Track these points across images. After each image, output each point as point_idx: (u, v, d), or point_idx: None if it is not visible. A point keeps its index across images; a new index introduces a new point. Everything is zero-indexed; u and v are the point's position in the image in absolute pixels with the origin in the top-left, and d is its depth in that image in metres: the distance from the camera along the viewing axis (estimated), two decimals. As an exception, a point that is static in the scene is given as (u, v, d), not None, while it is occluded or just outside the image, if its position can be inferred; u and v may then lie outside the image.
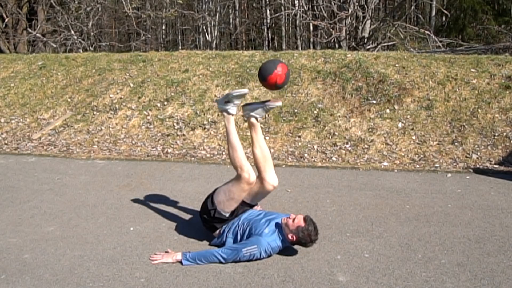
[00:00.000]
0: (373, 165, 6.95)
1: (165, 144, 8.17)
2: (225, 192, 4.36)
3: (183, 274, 3.95)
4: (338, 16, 15.83)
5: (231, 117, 4.47)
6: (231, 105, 4.42)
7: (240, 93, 4.41)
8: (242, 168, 4.24)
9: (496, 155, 6.96)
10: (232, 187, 4.33)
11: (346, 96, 8.56)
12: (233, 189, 4.31)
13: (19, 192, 6.17)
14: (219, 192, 4.44)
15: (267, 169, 4.44)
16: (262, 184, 4.43)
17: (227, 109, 4.44)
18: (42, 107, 9.80)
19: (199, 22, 26.00)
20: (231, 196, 4.32)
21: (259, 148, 4.52)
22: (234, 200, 4.34)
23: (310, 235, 4.05)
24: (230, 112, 4.44)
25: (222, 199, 4.35)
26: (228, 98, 4.41)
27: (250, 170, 4.24)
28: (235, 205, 4.36)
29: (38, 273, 4.04)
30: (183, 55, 10.87)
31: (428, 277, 3.81)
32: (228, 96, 4.40)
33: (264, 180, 4.41)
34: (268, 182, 4.42)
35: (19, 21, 19.18)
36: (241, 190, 4.28)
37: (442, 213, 5.12)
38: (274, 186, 4.48)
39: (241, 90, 4.42)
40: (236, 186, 4.29)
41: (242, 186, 4.26)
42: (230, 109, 4.43)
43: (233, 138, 4.38)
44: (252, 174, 4.23)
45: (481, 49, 13.77)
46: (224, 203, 4.34)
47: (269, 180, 4.42)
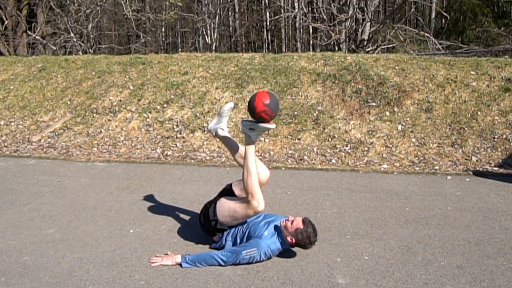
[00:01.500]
0: (373, 167, 6.95)
1: (164, 146, 8.17)
2: (230, 210, 4.29)
3: (182, 276, 3.95)
4: (338, 18, 15.86)
5: (252, 145, 4.34)
6: (255, 133, 4.33)
7: (268, 128, 4.32)
8: (253, 196, 4.14)
9: (495, 158, 6.97)
10: (238, 209, 4.26)
11: (346, 99, 8.56)
12: (238, 211, 4.25)
13: (19, 194, 6.16)
14: (224, 206, 4.37)
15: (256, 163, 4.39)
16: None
17: (250, 135, 4.30)
18: (41, 110, 9.80)
19: (199, 24, 26.00)
20: (235, 216, 4.27)
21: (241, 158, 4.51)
22: (236, 221, 4.30)
23: (309, 237, 4.04)
24: (252, 140, 4.33)
25: (225, 214, 4.31)
26: (254, 127, 4.26)
27: (261, 199, 4.15)
28: (236, 223, 4.33)
29: (37, 275, 4.03)
30: (183, 57, 10.88)
31: (427, 280, 3.81)
32: (255, 125, 4.25)
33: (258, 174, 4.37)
34: (260, 173, 4.37)
35: (18, 24, 19.22)
36: (246, 215, 4.23)
37: (442, 216, 5.12)
38: (267, 176, 4.49)
39: (270, 125, 4.27)
40: (243, 209, 4.22)
41: (248, 212, 4.20)
42: (253, 136, 4.33)
43: (251, 164, 4.25)
44: (261, 204, 4.14)
45: (480, 52, 13.79)
46: (226, 219, 4.31)
47: (261, 172, 4.39)
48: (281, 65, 9.72)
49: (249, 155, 4.28)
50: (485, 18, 21.43)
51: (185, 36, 31.90)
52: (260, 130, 4.27)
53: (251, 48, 30.26)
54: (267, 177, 4.50)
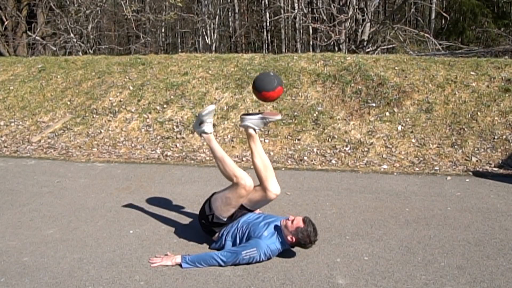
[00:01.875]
0: (373, 168, 6.96)
1: (164, 147, 8.17)
2: (222, 199, 4.32)
3: (182, 277, 3.95)
4: (338, 19, 15.86)
5: (210, 136, 4.45)
6: (205, 125, 4.41)
7: (209, 111, 4.38)
8: (236, 176, 4.20)
9: (495, 158, 6.97)
10: (229, 194, 4.28)
11: (346, 99, 8.56)
12: (230, 196, 4.27)
13: (19, 195, 6.17)
14: (216, 198, 4.40)
15: (268, 178, 4.41)
16: (264, 193, 4.40)
17: (203, 130, 4.43)
18: (41, 110, 9.80)
19: (199, 25, 26.00)
20: (228, 202, 4.29)
21: (259, 157, 4.49)
22: (231, 206, 4.31)
23: (309, 236, 4.05)
24: (206, 132, 4.43)
25: (219, 205, 4.33)
26: (200, 119, 4.41)
27: (245, 176, 4.20)
28: (232, 210, 4.35)
29: (37, 276, 4.03)
30: (183, 58, 10.88)
31: (427, 280, 3.81)
32: (199, 117, 4.40)
33: (266, 189, 4.38)
34: (270, 191, 4.39)
35: (18, 24, 19.22)
36: (239, 196, 4.25)
37: (442, 216, 5.12)
38: (276, 195, 4.45)
39: (208, 108, 4.38)
40: (233, 192, 4.25)
41: (239, 193, 4.22)
42: (206, 128, 4.42)
43: (219, 153, 4.36)
44: (247, 179, 4.19)
45: (480, 52, 13.79)
46: (222, 209, 4.32)
47: (271, 189, 4.40)
48: (281, 65, 9.72)
49: (214, 147, 4.45)
50: (485, 19, 21.43)
51: (185, 36, 31.91)
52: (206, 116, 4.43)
53: (251, 49, 30.27)
54: (275, 196, 4.47)
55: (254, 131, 4.47)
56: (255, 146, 4.51)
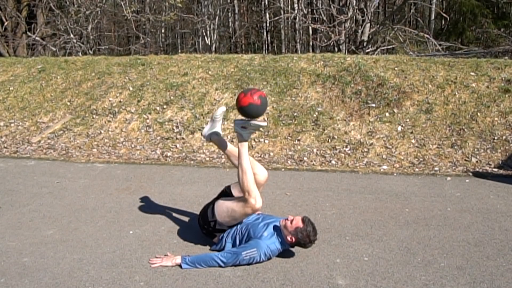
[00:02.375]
0: (373, 168, 6.96)
1: (164, 147, 8.17)
2: (228, 210, 4.30)
3: (182, 277, 3.95)
4: (338, 19, 15.87)
5: (245, 143, 4.36)
6: (247, 132, 4.34)
7: (260, 125, 4.33)
8: (250, 194, 4.15)
9: (495, 159, 6.97)
10: (236, 208, 4.26)
11: (346, 100, 8.56)
12: (236, 210, 4.25)
13: (19, 195, 6.17)
14: (222, 206, 4.38)
15: (252, 164, 4.39)
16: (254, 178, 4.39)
17: (242, 133, 4.33)
18: (41, 111, 9.80)
19: (199, 25, 26.00)
20: (234, 216, 4.27)
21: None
22: (235, 220, 4.30)
23: (309, 236, 4.05)
24: (245, 138, 4.34)
25: (224, 215, 4.31)
26: (246, 125, 4.30)
27: (258, 197, 4.16)
28: (235, 222, 4.34)
29: (37, 276, 4.03)
30: (183, 58, 10.88)
31: (427, 281, 3.81)
32: (247, 123, 4.29)
33: (255, 175, 4.37)
34: (259, 174, 4.39)
35: (18, 25, 19.23)
36: (245, 213, 4.23)
37: (442, 217, 5.12)
38: (266, 177, 4.51)
39: (262, 122, 4.33)
40: (241, 208, 4.22)
41: (246, 210, 4.20)
42: (245, 135, 4.34)
43: (245, 162, 4.26)
44: (259, 201, 4.15)
45: (480, 53, 13.80)
46: (225, 218, 4.31)
47: (259, 172, 4.40)
48: (280, 66, 9.72)
49: (243, 154, 4.30)
50: (484, 19, 21.43)
51: (185, 37, 31.90)
52: (252, 128, 4.31)
53: (250, 49, 30.25)
54: (266, 178, 4.51)
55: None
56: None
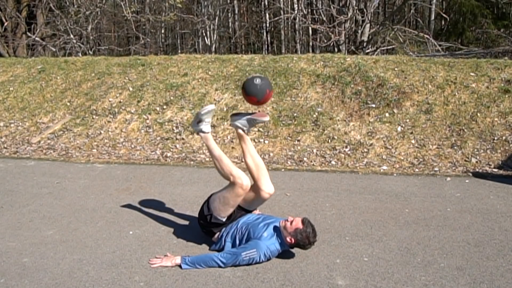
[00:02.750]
0: (372, 169, 6.96)
1: (164, 148, 8.17)
2: (220, 199, 4.33)
3: (182, 278, 3.95)
4: (337, 20, 15.86)
5: (208, 135, 4.45)
6: (203, 124, 4.43)
7: (208, 110, 4.39)
8: (233, 175, 4.21)
9: (495, 159, 6.97)
10: (226, 193, 4.29)
11: (345, 100, 8.56)
12: (227, 195, 4.28)
13: (18, 196, 6.16)
14: (215, 198, 4.41)
15: (261, 177, 4.43)
16: (258, 193, 4.43)
17: (201, 129, 4.44)
18: (41, 111, 9.80)
19: (198, 26, 26.00)
20: (226, 202, 4.29)
21: (250, 157, 4.51)
22: (229, 206, 4.31)
23: (308, 237, 4.05)
24: (204, 131, 4.44)
25: (217, 205, 4.33)
26: (199, 118, 4.42)
27: (242, 175, 4.20)
28: (231, 209, 4.35)
29: (37, 277, 4.03)
30: (182, 59, 10.88)
31: (427, 281, 3.81)
32: (198, 116, 4.41)
33: (259, 189, 4.41)
34: (263, 190, 4.41)
35: (18, 25, 19.22)
36: (236, 195, 4.25)
37: (441, 217, 5.12)
38: (270, 194, 4.48)
39: (207, 107, 4.39)
40: (231, 192, 4.25)
41: (236, 192, 4.22)
42: (204, 127, 4.43)
43: (216, 152, 4.37)
44: (244, 178, 4.19)
45: (480, 53, 13.78)
46: (220, 209, 4.33)
47: (264, 189, 4.41)
48: (280, 66, 9.72)
49: (212, 146, 4.44)
50: (484, 20, 21.42)
51: (185, 37, 31.89)
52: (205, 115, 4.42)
53: (250, 50, 30.25)
54: (269, 196, 4.50)
55: (243, 131, 4.50)
56: (245, 146, 4.54)
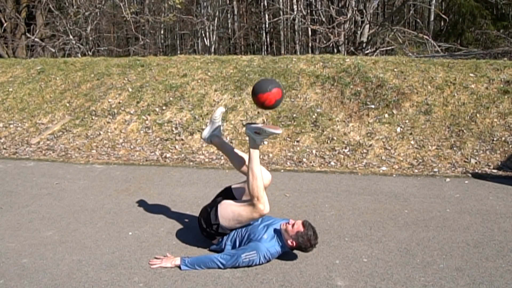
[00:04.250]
0: (372, 169, 6.95)
1: (163, 148, 8.17)
2: (234, 214, 4.26)
3: (181, 278, 3.94)
4: (337, 20, 15.86)
5: (256, 149, 4.31)
6: (260, 137, 4.30)
7: (274, 133, 4.31)
8: (259, 200, 4.13)
9: (494, 160, 6.97)
10: (242, 212, 4.23)
11: (345, 101, 8.57)
12: (243, 214, 4.22)
13: (18, 196, 6.16)
14: (227, 209, 4.34)
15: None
16: None
17: (255, 139, 4.29)
18: (40, 112, 9.80)
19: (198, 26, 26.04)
20: (239, 220, 4.24)
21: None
22: (240, 223, 4.27)
23: (309, 240, 4.04)
24: (257, 144, 4.31)
25: (229, 218, 4.27)
26: (260, 131, 4.27)
27: (266, 203, 4.14)
28: (239, 226, 4.32)
29: (36, 277, 4.03)
30: (182, 59, 10.88)
31: (426, 282, 3.81)
32: (261, 130, 4.26)
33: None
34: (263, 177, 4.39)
35: (17, 26, 19.23)
36: (252, 218, 4.21)
37: (441, 218, 5.12)
38: (269, 180, 4.48)
39: (277, 130, 4.30)
40: (248, 212, 4.20)
41: (253, 215, 4.18)
42: (258, 140, 4.29)
43: (256, 167, 4.22)
44: (267, 207, 4.14)
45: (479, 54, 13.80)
46: (230, 222, 4.27)
47: (263, 176, 4.40)
48: (280, 67, 9.72)
49: (254, 159, 4.25)
50: (484, 20, 21.45)
51: (184, 38, 31.91)
52: (266, 134, 4.27)
53: (250, 51, 30.25)
54: (269, 181, 4.49)
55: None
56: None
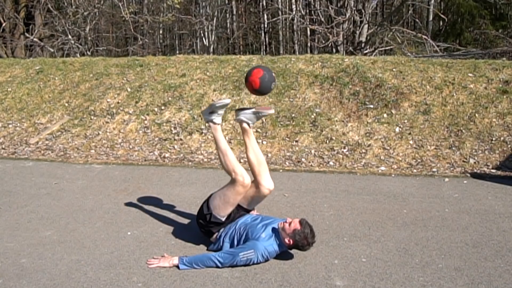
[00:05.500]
0: (371, 169, 6.96)
1: (162, 148, 8.17)
2: (220, 197, 4.36)
3: (180, 278, 3.94)
4: (336, 20, 15.87)
5: (217, 126, 4.54)
6: (215, 115, 4.53)
7: (223, 104, 4.48)
8: (236, 172, 4.27)
9: (493, 160, 6.97)
10: (227, 191, 4.34)
11: (344, 101, 8.57)
12: (228, 193, 4.32)
13: (16, 196, 6.16)
14: (215, 197, 4.44)
15: (262, 173, 4.45)
16: (258, 189, 4.44)
17: (212, 119, 4.53)
18: (39, 112, 9.79)
19: (197, 26, 26.01)
20: (226, 200, 4.32)
21: (253, 152, 4.54)
22: (229, 204, 4.34)
23: (306, 238, 4.05)
24: (215, 122, 4.54)
25: (218, 203, 4.35)
26: (212, 109, 4.51)
27: (244, 173, 4.26)
28: (230, 208, 4.37)
29: (35, 277, 4.03)
30: (181, 59, 10.87)
31: (425, 282, 3.81)
32: (212, 107, 4.50)
33: (259, 184, 4.42)
34: (263, 186, 4.42)
35: (16, 26, 19.22)
36: (236, 193, 4.28)
37: (440, 218, 5.12)
38: (270, 190, 4.49)
39: (224, 100, 4.47)
40: (231, 189, 4.30)
41: (237, 189, 4.26)
42: (215, 119, 4.53)
43: (222, 145, 4.45)
44: (246, 176, 4.26)
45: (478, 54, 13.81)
46: (220, 207, 4.35)
47: (264, 184, 4.42)
48: (278, 67, 9.72)
49: (219, 138, 4.51)
50: (482, 20, 21.47)
51: (183, 38, 31.89)
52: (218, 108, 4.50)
53: (248, 50, 30.22)
54: (269, 192, 4.51)
55: (248, 125, 4.55)
56: (249, 140, 4.60)
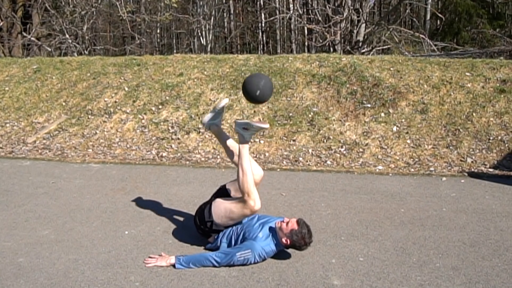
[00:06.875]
0: (368, 169, 6.96)
1: (159, 148, 8.16)
2: (226, 210, 4.28)
3: (177, 277, 3.94)
4: (333, 20, 15.89)
5: (246, 144, 4.36)
6: (249, 133, 4.37)
7: (262, 127, 4.36)
8: (250, 195, 4.14)
9: (490, 159, 6.98)
10: (234, 209, 4.25)
11: (341, 100, 8.57)
12: (235, 211, 4.24)
13: (14, 195, 6.15)
14: (219, 206, 4.36)
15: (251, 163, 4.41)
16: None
17: (243, 135, 4.36)
18: (36, 111, 9.78)
19: (194, 26, 25.98)
20: (231, 216, 4.26)
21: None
22: (232, 220, 4.28)
23: (304, 238, 4.04)
24: (246, 139, 4.36)
25: (221, 215, 4.29)
26: (248, 126, 4.33)
27: (257, 199, 4.15)
28: (232, 223, 4.32)
29: (33, 277, 4.02)
30: (178, 59, 10.87)
31: (423, 281, 3.81)
32: (248, 125, 4.32)
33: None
34: (254, 173, 4.37)
35: (13, 25, 19.19)
36: (243, 214, 4.22)
37: (437, 217, 5.13)
38: (261, 175, 4.51)
39: (264, 124, 4.36)
40: (239, 209, 4.21)
41: (244, 212, 4.19)
42: (246, 136, 4.36)
43: (246, 164, 4.25)
44: (257, 202, 4.14)
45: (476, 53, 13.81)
46: (222, 219, 4.29)
47: (255, 171, 4.39)
48: (276, 66, 9.72)
49: (244, 155, 4.28)
50: (480, 20, 21.50)
51: (180, 37, 31.89)
52: (254, 129, 4.32)
53: (246, 50, 30.24)
54: (261, 177, 4.52)
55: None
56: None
